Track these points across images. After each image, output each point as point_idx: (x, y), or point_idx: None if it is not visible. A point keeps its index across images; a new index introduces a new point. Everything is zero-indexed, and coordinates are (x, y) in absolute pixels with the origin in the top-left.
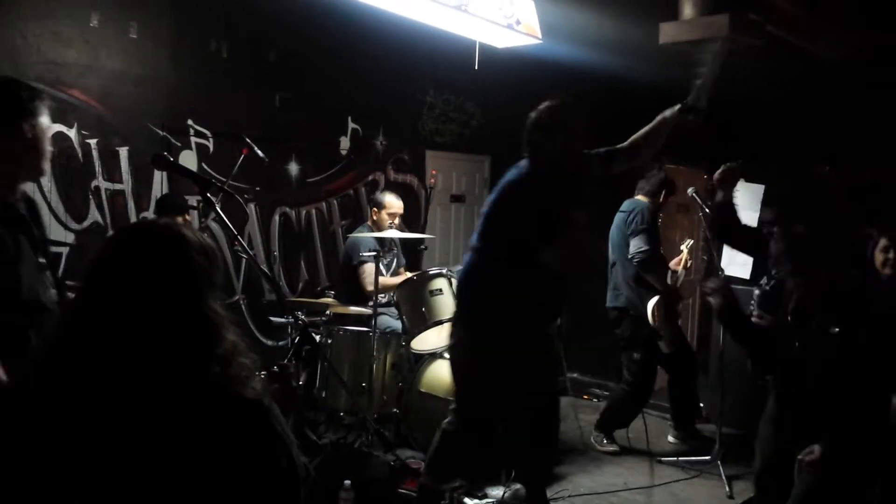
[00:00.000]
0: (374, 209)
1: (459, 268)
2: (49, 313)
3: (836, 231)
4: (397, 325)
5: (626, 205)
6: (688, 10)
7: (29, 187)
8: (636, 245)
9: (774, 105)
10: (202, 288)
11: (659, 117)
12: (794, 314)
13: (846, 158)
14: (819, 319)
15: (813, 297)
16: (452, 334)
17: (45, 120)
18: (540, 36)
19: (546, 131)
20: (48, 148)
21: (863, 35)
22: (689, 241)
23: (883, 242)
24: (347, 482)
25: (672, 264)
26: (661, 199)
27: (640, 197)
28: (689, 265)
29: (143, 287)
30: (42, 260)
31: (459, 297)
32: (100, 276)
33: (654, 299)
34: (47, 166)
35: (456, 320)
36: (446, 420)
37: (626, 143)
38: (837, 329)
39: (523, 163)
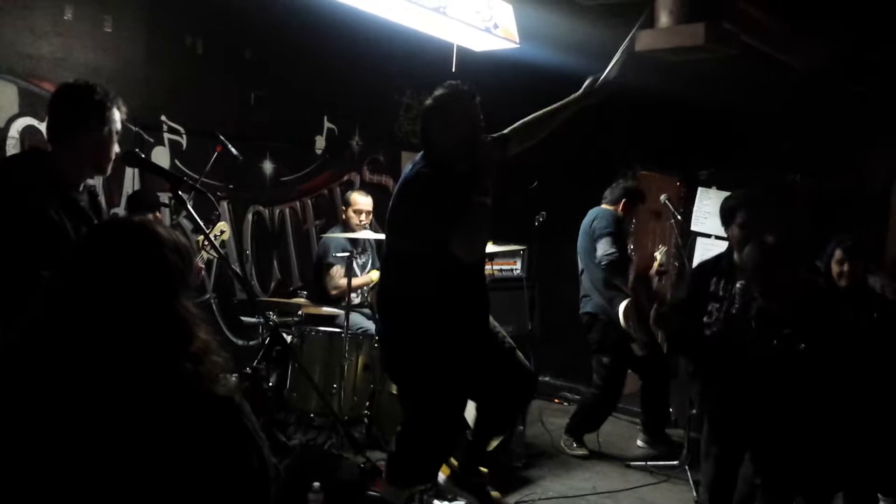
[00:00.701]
0: (344, 208)
1: None
2: None
3: (804, 239)
4: (370, 324)
5: (590, 212)
6: (664, 19)
7: None
8: (603, 249)
9: (747, 113)
10: (175, 286)
11: (562, 102)
12: (757, 319)
13: (817, 168)
14: (782, 327)
15: (777, 303)
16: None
17: (116, 125)
18: (518, 40)
19: (438, 121)
20: (115, 149)
21: (836, 47)
22: (663, 248)
23: (838, 254)
24: (316, 484)
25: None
26: (621, 208)
27: (604, 205)
28: (663, 270)
29: (116, 284)
30: None
31: (379, 306)
32: (72, 272)
33: (625, 302)
34: (110, 167)
35: (380, 330)
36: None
37: (519, 124)
38: (803, 344)
39: (418, 157)
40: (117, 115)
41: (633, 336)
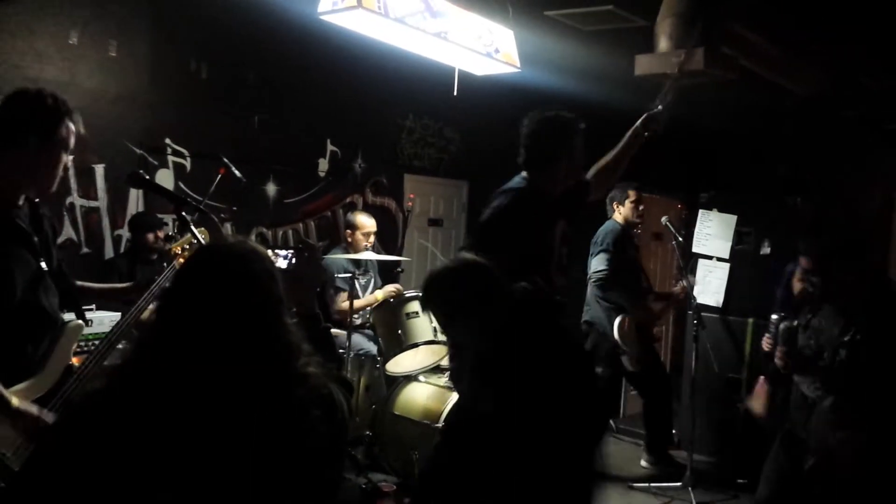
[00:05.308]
0: (349, 231)
1: None
2: (50, 319)
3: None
4: (371, 346)
5: (603, 226)
6: (663, 43)
7: None
8: (594, 266)
9: (747, 136)
10: (283, 299)
11: (629, 132)
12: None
13: (814, 191)
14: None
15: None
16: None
17: (67, 140)
18: (518, 64)
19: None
20: (60, 168)
21: (833, 72)
22: (683, 283)
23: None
24: None
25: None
26: (632, 200)
27: (614, 214)
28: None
29: (243, 302)
30: (44, 266)
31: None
32: (197, 297)
33: (621, 316)
34: (53, 188)
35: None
36: None
37: (595, 170)
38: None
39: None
40: (69, 130)
41: (623, 349)
